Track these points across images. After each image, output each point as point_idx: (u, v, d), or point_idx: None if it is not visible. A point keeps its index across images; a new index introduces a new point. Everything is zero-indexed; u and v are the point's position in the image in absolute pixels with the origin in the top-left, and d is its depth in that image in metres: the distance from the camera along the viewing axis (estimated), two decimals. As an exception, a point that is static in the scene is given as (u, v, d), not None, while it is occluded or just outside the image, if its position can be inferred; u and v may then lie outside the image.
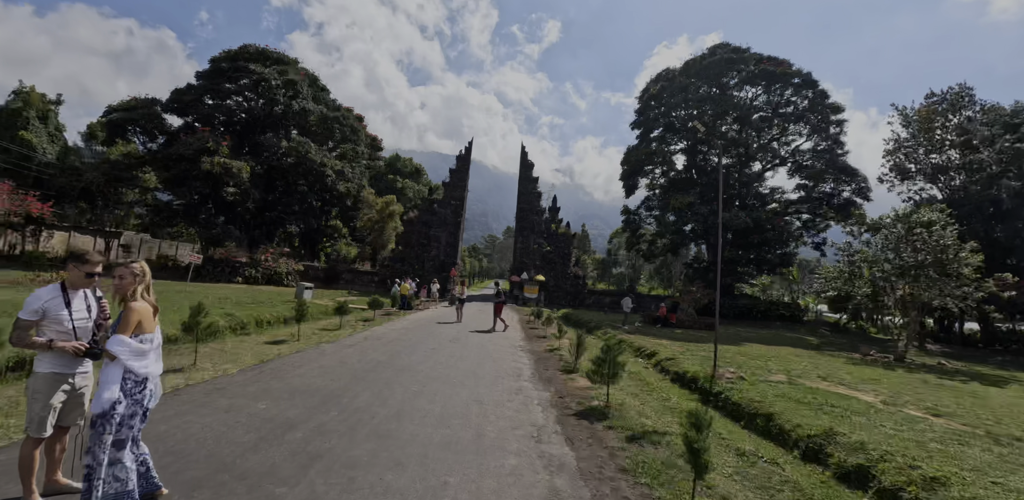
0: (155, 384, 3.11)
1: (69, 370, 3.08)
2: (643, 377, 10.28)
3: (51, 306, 3.00)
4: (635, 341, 15.88)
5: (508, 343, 12.49)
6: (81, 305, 3.14)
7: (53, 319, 3.00)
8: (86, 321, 3.14)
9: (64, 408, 3.09)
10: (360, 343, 10.20)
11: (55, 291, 3.08)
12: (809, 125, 38.47)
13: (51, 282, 17.13)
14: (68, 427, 3.19)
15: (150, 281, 3.15)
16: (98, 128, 36.49)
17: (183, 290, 19.43)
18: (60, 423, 3.09)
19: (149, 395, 3.03)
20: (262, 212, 38.79)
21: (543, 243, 35.01)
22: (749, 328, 28.47)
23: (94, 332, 3.18)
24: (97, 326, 3.21)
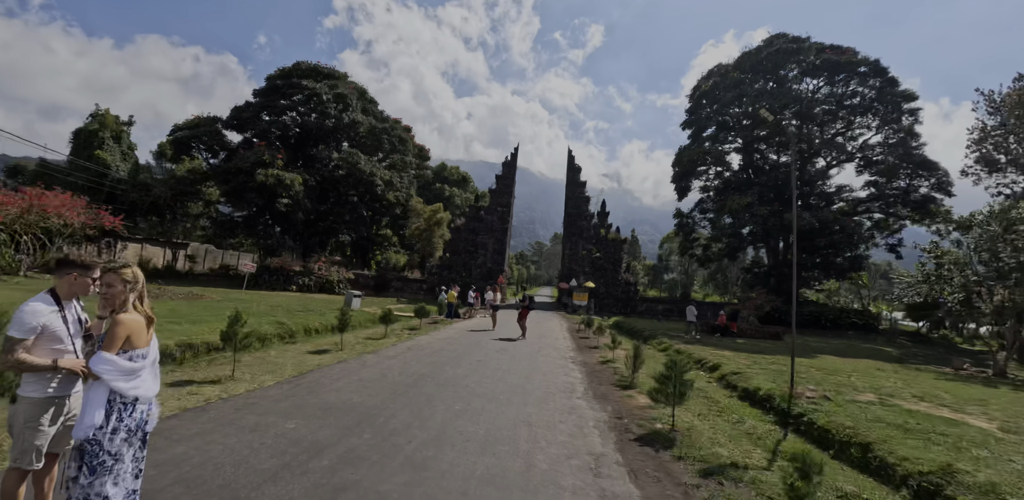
0: (150, 406, 2.68)
1: (65, 392, 2.71)
2: (708, 393, 9.32)
3: (50, 321, 2.63)
4: (695, 352, 14.77)
5: (558, 354, 11.79)
6: (73, 317, 2.77)
7: (50, 336, 2.63)
8: (79, 335, 2.77)
9: (56, 434, 2.72)
10: (403, 354, 9.80)
11: (50, 302, 2.70)
12: (878, 117, 35.72)
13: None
14: (58, 454, 2.82)
15: (143, 289, 2.73)
16: (167, 146, 38.77)
17: (238, 298, 19.92)
18: (50, 449, 2.71)
19: (141, 419, 2.60)
20: (315, 222, 39.92)
21: (592, 249, 34.03)
22: (818, 337, 26.37)
23: None
24: (84, 338, 2.82)
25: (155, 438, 4.16)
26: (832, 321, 29.90)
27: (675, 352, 16.09)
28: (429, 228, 46.77)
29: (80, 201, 21.97)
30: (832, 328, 29.68)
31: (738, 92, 37.13)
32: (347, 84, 40.04)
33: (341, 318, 9.85)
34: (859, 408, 7.80)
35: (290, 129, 38.75)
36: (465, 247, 35.37)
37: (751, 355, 14.95)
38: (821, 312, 30.45)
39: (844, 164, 37.70)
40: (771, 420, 7.70)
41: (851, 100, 36.01)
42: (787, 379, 10.21)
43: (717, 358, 13.63)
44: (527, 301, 14.65)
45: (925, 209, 32.86)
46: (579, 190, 35.73)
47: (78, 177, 30.09)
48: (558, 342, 14.52)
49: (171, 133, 35.82)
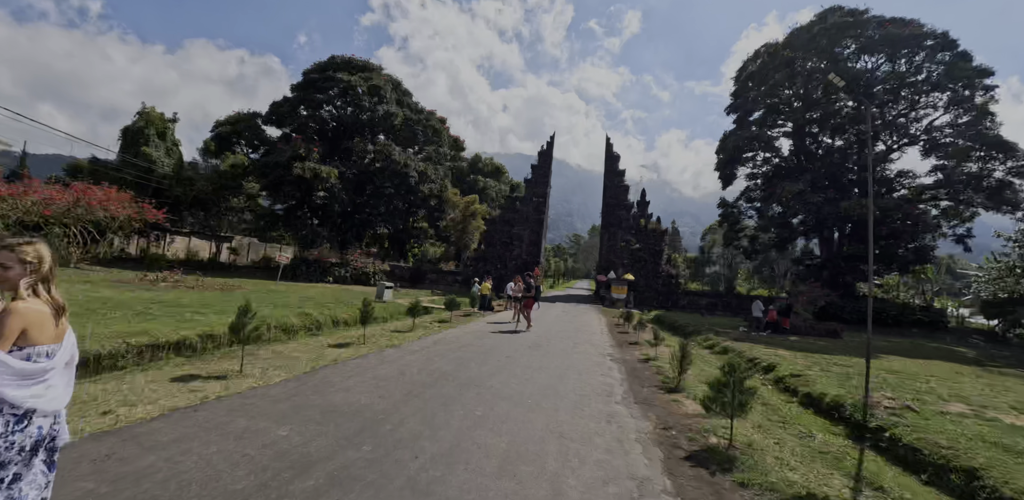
0: (55, 421, 2.07)
1: None
2: (764, 398, 8.29)
3: None
4: (746, 350, 13.59)
5: (595, 351, 10.94)
6: None
7: None
8: None
9: None
10: (428, 348, 9.19)
11: None
12: (947, 94, 32.70)
13: (157, 281, 18.22)
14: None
15: (50, 272, 2.11)
16: (211, 143, 39.77)
17: (273, 289, 19.95)
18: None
19: (40, 435, 1.99)
20: (351, 215, 40.18)
21: (631, 240, 32.72)
22: (881, 336, 24.35)
23: None
24: None
25: (129, 445, 3.63)
26: (894, 318, 27.67)
27: (723, 350, 14.94)
28: (464, 220, 46.43)
29: (125, 195, 22.51)
30: (894, 325, 27.46)
31: (789, 72, 34.83)
32: (381, 76, 39.89)
33: (364, 310, 9.31)
34: (951, 422, 6.63)
35: (327, 123, 38.96)
36: (500, 239, 34.72)
37: (809, 355, 13.66)
38: (883, 308, 28.21)
39: (907, 148, 34.85)
40: (844, 434, 6.65)
41: (915, 77, 33.09)
42: (856, 384, 9.04)
43: (771, 357, 12.45)
44: (532, 290, 13.77)
45: (999, 196, 29.99)
46: (617, 179, 34.39)
47: (127, 173, 31.09)
48: (595, 337, 13.64)
49: (213, 129, 36.65)
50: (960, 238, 32.19)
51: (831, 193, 31.64)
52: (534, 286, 13.19)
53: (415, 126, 42.11)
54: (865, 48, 34.43)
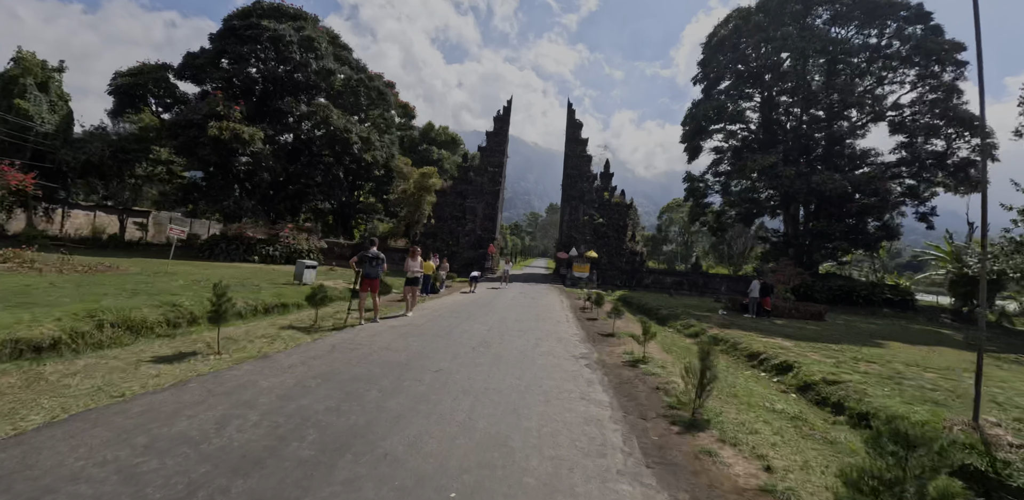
0: None
1: None
2: (806, 419, 5.75)
3: None
4: (741, 340, 11.20)
5: (564, 350, 8.14)
6: None
7: None
8: None
9: None
10: (313, 360, 6.08)
11: None
12: (916, 69, 31.50)
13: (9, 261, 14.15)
14: None
15: None
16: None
17: (164, 271, 16.12)
18: None
19: None
20: (284, 186, 35.71)
21: (594, 214, 30.15)
22: (858, 317, 23.00)
23: None
24: None
25: None
26: (864, 297, 26.56)
27: (713, 340, 12.60)
28: (417, 192, 42.62)
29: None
30: (864, 305, 26.36)
31: (761, 37, 32.63)
32: (316, 27, 35.01)
33: (216, 303, 6.08)
34: None
35: (255, 81, 33.98)
36: (452, 212, 31.43)
37: (814, 344, 11.41)
38: (852, 287, 27.07)
39: (871, 124, 33.70)
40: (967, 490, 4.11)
41: (886, 50, 31.74)
42: (919, 394, 6.65)
43: (777, 351, 10.08)
44: (438, 270, 10.66)
45: (963, 174, 29.26)
46: (580, 148, 31.53)
47: (-5, 130, 25.62)
48: (560, 327, 10.89)
49: (111, 82, 31.06)
50: (923, 216, 31.48)
51: (802, 167, 30.05)
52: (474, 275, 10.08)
53: (358, 87, 37.63)
54: (839, 16, 32.69)
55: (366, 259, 9.12)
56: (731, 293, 30.29)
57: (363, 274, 9.04)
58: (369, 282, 9.18)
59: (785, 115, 34.39)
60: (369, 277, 9.11)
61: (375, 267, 9.06)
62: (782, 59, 33.53)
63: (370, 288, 9.18)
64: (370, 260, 9.11)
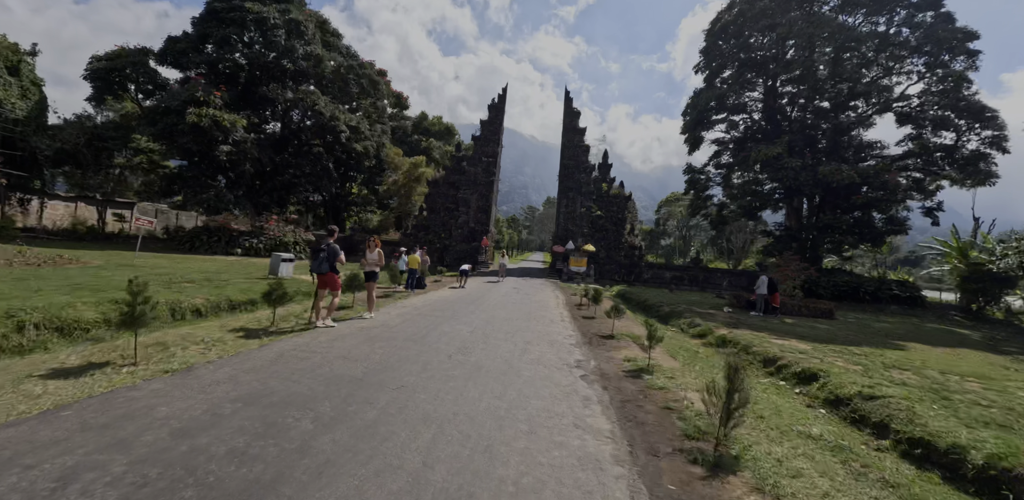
0: None
1: None
2: (845, 444, 4.71)
3: None
4: (753, 342, 10.14)
5: (556, 356, 7.05)
6: None
7: None
8: None
9: None
10: (244, 375, 4.98)
11: None
12: (925, 58, 30.35)
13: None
14: None
15: None
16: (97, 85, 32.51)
17: (128, 264, 14.97)
18: None
19: None
20: (271, 176, 34.44)
21: (592, 206, 29.00)
22: (862, 312, 22.05)
23: None
24: None
25: None
26: (871, 294, 25.56)
27: (721, 341, 11.54)
28: (408, 183, 41.41)
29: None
30: (871, 302, 25.38)
31: (766, 23, 31.39)
32: (303, 11, 33.58)
33: (131, 305, 4.96)
34: None
35: (241, 68, 32.58)
36: (444, 204, 30.23)
37: (832, 347, 10.38)
38: (859, 283, 26.05)
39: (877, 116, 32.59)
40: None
41: (895, 40, 30.59)
42: (969, 410, 5.60)
43: (792, 354, 9.03)
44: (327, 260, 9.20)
45: (973, 168, 28.19)
46: (577, 138, 30.30)
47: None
48: (553, 328, 9.82)
49: (88, 67, 29.61)
50: (929, 211, 30.46)
51: (808, 158, 28.94)
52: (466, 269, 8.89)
53: (348, 75, 36.26)
54: (847, 2, 31.45)
55: (315, 252, 7.97)
56: (733, 288, 29.31)
57: (310, 270, 7.91)
58: (320, 279, 8.01)
59: (790, 105, 33.23)
60: (314, 272, 7.97)
61: (319, 261, 7.86)
62: (787, 47, 32.37)
63: (327, 285, 8.01)
64: (315, 253, 7.95)
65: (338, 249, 7.95)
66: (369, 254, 9.45)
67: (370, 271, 9.33)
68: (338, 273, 8.02)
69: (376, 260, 9.37)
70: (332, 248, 7.91)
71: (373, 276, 9.32)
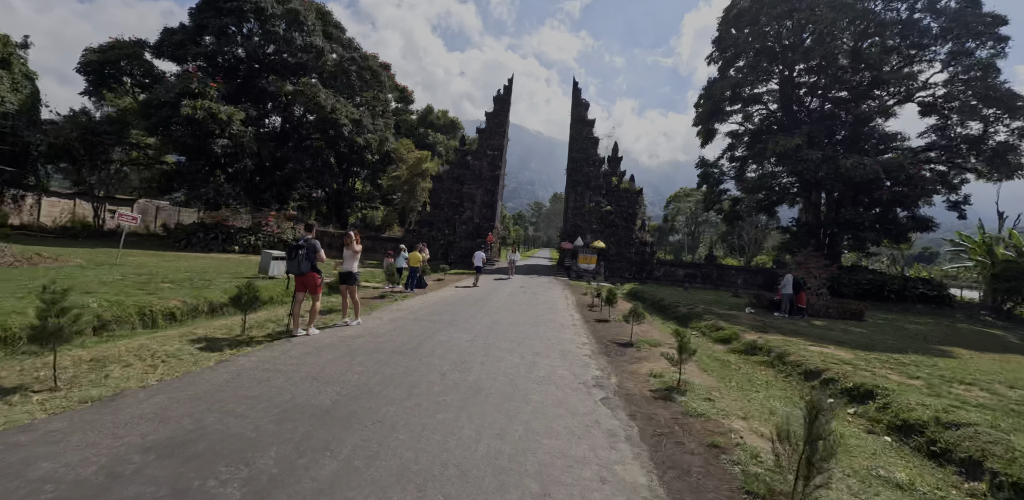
0: None
1: None
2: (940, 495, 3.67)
3: None
4: (788, 350, 9.05)
5: (571, 374, 6.02)
6: None
7: None
8: None
9: None
10: (177, 406, 3.97)
11: None
12: (949, 45, 28.93)
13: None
14: None
15: None
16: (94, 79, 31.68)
17: (108, 261, 14.08)
18: None
19: None
20: (271, 171, 33.57)
21: (601, 201, 27.85)
22: (891, 313, 20.83)
23: None
24: None
25: None
26: (897, 293, 24.31)
27: (751, 347, 10.45)
28: (411, 178, 40.40)
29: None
30: (896, 300, 24.13)
31: (784, 9, 30.02)
32: (302, 0, 32.57)
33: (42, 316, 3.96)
34: None
35: (240, 60, 31.66)
36: (449, 199, 29.21)
37: (876, 355, 9.26)
38: (883, 281, 24.80)
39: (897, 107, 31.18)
40: None
41: (918, 25, 29.16)
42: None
43: (836, 364, 7.94)
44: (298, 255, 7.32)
45: (1001, 160, 26.77)
46: (586, 129, 29.12)
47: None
48: (565, 334, 8.79)
49: (81, 58, 28.78)
50: (955, 205, 29.09)
51: (828, 150, 27.63)
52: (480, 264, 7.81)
53: (350, 67, 35.26)
54: (868, -13, 30.01)
55: (291, 250, 6.91)
56: (748, 286, 28.14)
57: (286, 271, 6.92)
58: (299, 280, 6.97)
59: (808, 95, 31.86)
60: (291, 273, 6.94)
61: (296, 260, 6.79)
62: (806, 35, 30.96)
63: (306, 288, 7.01)
64: (291, 251, 6.87)
65: (318, 246, 6.95)
66: (346, 251, 8.18)
67: (347, 272, 8.10)
68: (320, 273, 7.02)
69: (352, 258, 8.13)
70: (311, 245, 6.91)
71: (351, 278, 8.10)
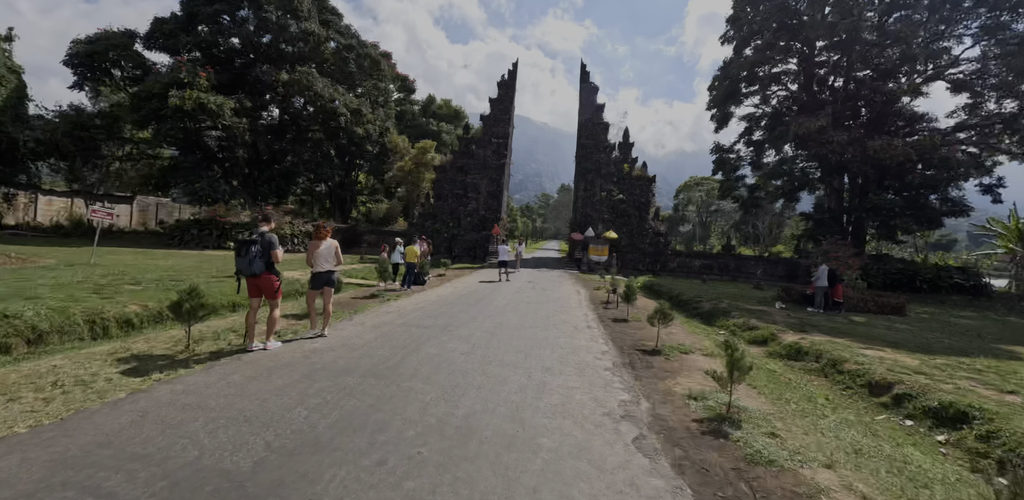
0: None
1: None
2: None
3: None
4: (839, 353, 7.72)
5: (590, 398, 4.76)
6: None
7: None
8: None
9: None
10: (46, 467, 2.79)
11: None
12: (982, 18, 26.98)
13: None
14: None
15: None
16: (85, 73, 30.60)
17: (82, 261, 13.00)
18: None
19: None
20: (269, 164, 32.47)
21: (613, 190, 26.41)
22: (928, 306, 19.29)
23: None
24: None
25: None
26: (930, 282, 22.72)
27: (793, 350, 9.13)
28: (416, 170, 39.14)
29: None
30: (930, 291, 22.56)
31: (808, -21, 28.18)
32: (297, -16, 31.16)
33: None
34: None
35: (236, 51, 30.41)
36: (452, 190, 27.92)
37: (944, 359, 7.89)
38: (915, 271, 23.21)
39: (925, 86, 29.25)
40: None
41: (945, 3, 27.18)
42: None
43: (908, 376, 6.62)
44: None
45: (1042, 139, 24.91)
46: (595, 114, 27.58)
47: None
48: (580, 341, 7.53)
49: (68, 50, 27.68)
50: (988, 188, 27.29)
51: (854, 131, 25.92)
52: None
53: (348, 55, 33.93)
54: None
55: (241, 246, 5.62)
56: (768, 278, 26.67)
57: (236, 271, 5.66)
58: (251, 284, 5.72)
59: (831, 74, 30.03)
60: (242, 274, 5.65)
61: (247, 259, 5.53)
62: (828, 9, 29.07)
63: (261, 293, 5.77)
64: (242, 248, 5.60)
65: (274, 241, 5.70)
66: (315, 249, 6.61)
67: (320, 273, 6.67)
68: (277, 275, 5.80)
69: (327, 256, 6.64)
70: (267, 240, 5.67)
71: (327, 280, 6.70)
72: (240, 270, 5.59)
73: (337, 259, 6.68)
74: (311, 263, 6.62)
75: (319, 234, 6.59)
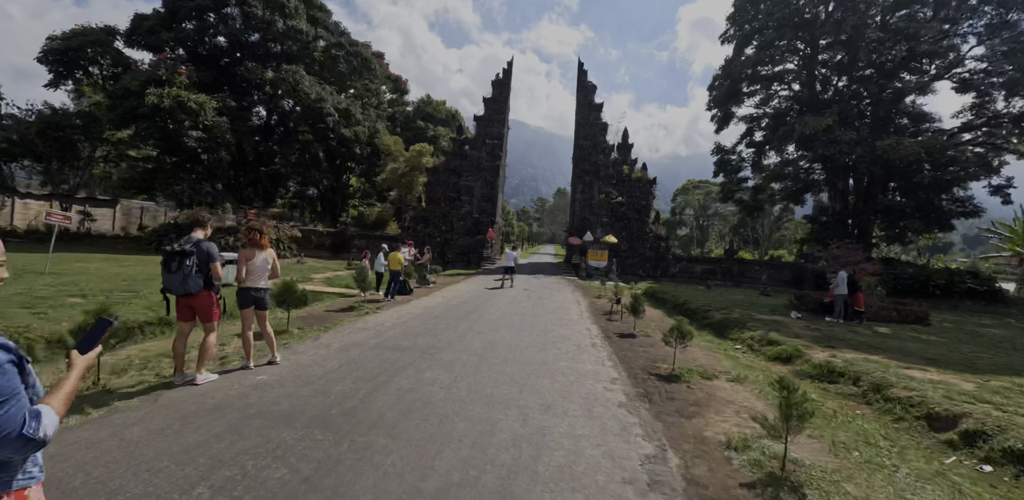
0: None
1: None
2: None
3: None
4: (881, 374, 6.68)
5: (601, 452, 3.69)
6: None
7: None
8: None
9: None
10: None
11: None
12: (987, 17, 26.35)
13: None
14: None
15: None
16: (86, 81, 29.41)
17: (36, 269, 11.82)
18: None
19: None
20: (255, 167, 31.35)
21: (612, 192, 25.40)
22: (944, 313, 18.33)
23: None
24: None
25: None
26: (942, 288, 21.79)
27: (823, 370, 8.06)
28: (409, 173, 38.05)
29: None
30: (943, 297, 21.62)
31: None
32: (284, -19, 30.17)
33: None
34: None
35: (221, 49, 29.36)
36: (445, 193, 26.85)
37: (1000, 380, 6.87)
38: (927, 275, 22.28)
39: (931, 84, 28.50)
40: None
41: (952, 2, 26.53)
42: None
43: (973, 405, 5.59)
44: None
45: (1049, 137, 24.16)
46: (593, 114, 26.62)
47: None
48: (584, 364, 6.46)
49: (43, 47, 26.54)
50: (998, 188, 26.45)
51: (864, 130, 25.08)
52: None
53: (337, 53, 32.94)
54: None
55: (170, 258, 4.51)
56: (774, 283, 25.69)
57: (163, 288, 4.57)
58: (182, 304, 4.62)
59: (835, 73, 29.24)
60: (172, 293, 4.57)
61: (179, 274, 4.43)
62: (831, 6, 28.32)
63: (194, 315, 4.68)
64: (170, 260, 4.50)
65: (214, 252, 4.63)
66: (248, 259, 5.25)
67: (249, 288, 5.25)
68: (217, 292, 4.72)
69: (262, 269, 5.29)
70: (204, 250, 4.59)
71: (256, 299, 5.29)
72: (169, 288, 4.49)
73: (274, 273, 5.45)
74: (239, 277, 5.24)
75: (254, 240, 5.30)
